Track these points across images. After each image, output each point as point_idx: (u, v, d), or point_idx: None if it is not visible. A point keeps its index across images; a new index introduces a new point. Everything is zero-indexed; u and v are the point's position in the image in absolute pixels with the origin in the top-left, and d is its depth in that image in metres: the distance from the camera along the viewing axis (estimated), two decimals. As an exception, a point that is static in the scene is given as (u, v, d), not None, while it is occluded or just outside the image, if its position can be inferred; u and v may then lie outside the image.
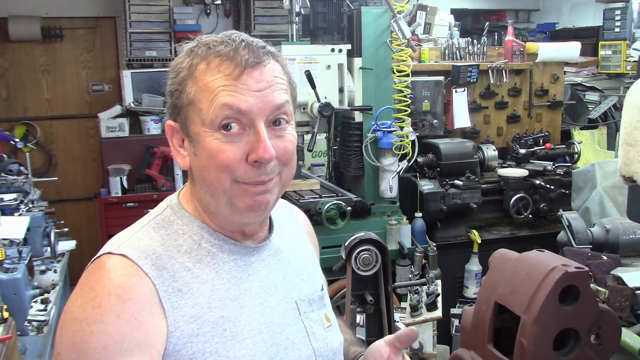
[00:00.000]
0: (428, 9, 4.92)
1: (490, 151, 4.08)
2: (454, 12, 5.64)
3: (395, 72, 3.54)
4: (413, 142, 3.54)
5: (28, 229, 2.95)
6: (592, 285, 1.94)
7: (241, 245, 1.06)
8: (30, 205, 3.37)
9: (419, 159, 3.74)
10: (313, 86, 3.18)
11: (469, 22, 6.45)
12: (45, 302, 2.66)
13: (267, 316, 1.05)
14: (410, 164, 3.58)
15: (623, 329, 1.67)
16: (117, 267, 0.94)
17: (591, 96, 4.83)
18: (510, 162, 4.19)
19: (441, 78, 4.01)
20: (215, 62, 0.97)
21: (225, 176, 0.97)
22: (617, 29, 5.02)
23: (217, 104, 0.95)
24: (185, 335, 0.95)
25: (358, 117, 3.57)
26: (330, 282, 3.35)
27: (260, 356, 1.01)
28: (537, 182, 3.83)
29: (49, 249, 3.20)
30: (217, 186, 0.98)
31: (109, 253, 0.97)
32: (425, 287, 2.81)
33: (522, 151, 4.12)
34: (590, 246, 2.57)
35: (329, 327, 1.15)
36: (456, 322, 3.28)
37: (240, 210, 1.00)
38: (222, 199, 0.99)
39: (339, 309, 3.46)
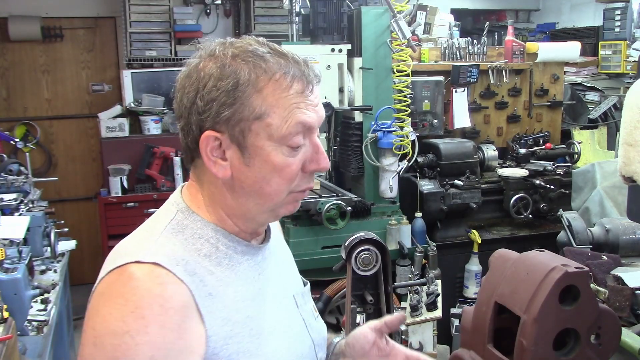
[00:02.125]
0: (428, 9, 4.92)
1: (490, 151, 4.08)
2: (454, 12, 5.64)
3: (395, 72, 3.54)
4: (413, 142, 3.54)
5: (28, 229, 2.95)
6: (592, 285, 1.94)
7: (251, 246, 1.07)
8: (30, 205, 3.37)
9: (419, 159, 3.74)
10: (313, 86, 3.18)
11: (469, 22, 6.45)
12: (45, 302, 2.66)
13: (278, 312, 1.08)
14: (410, 164, 3.58)
15: (623, 329, 1.67)
16: (152, 276, 0.91)
17: (591, 96, 4.83)
18: (510, 162, 4.19)
19: (441, 78, 4.01)
20: (287, 79, 0.97)
21: (286, 188, 1.00)
22: (617, 29, 5.02)
23: (291, 121, 0.97)
24: (221, 338, 0.96)
25: (358, 117, 3.57)
26: (330, 282, 3.36)
27: (283, 352, 1.05)
28: (537, 182, 3.83)
29: (49, 249, 3.20)
30: (274, 197, 1.00)
31: (138, 262, 0.92)
32: (425, 287, 2.81)
33: (522, 151, 4.13)
34: (590, 246, 2.57)
35: (317, 317, 1.22)
36: (456, 322, 3.28)
37: (277, 216, 1.06)
38: (268, 207, 1.02)
39: (339, 309, 3.46)
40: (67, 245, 3.48)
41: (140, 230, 1.03)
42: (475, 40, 4.38)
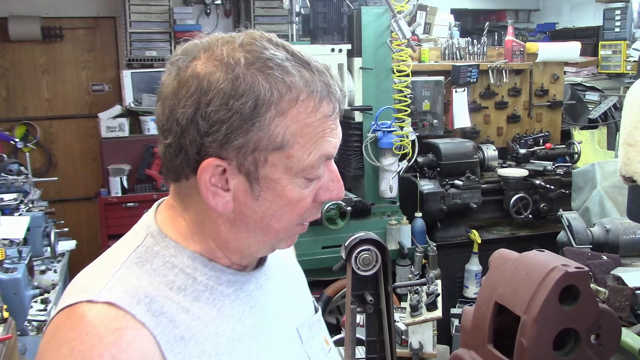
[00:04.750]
0: (428, 9, 4.92)
1: (490, 151, 4.08)
2: (454, 12, 5.64)
3: (395, 72, 3.54)
4: (413, 142, 3.54)
5: (28, 229, 2.95)
6: (592, 285, 1.94)
7: (240, 274, 0.89)
8: (30, 205, 3.37)
9: (419, 159, 3.74)
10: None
11: (469, 22, 6.45)
12: (45, 302, 2.66)
13: (273, 352, 0.92)
14: (410, 164, 3.58)
15: (623, 329, 1.67)
16: (105, 319, 0.75)
17: (591, 96, 4.84)
18: (510, 162, 4.19)
19: (441, 78, 4.01)
20: (315, 100, 0.80)
21: (296, 221, 0.86)
22: (617, 29, 5.02)
23: (315, 154, 0.81)
24: None
25: (358, 117, 3.57)
26: (330, 282, 3.36)
27: None
28: (537, 182, 3.83)
29: (49, 249, 3.20)
30: (280, 233, 0.86)
31: (90, 301, 0.76)
32: (425, 287, 2.81)
33: (522, 151, 4.13)
34: (590, 246, 2.57)
35: (329, 351, 1.07)
36: (456, 322, 3.28)
37: (274, 250, 0.92)
38: (271, 243, 0.88)
39: (339, 309, 3.46)
40: (67, 245, 3.49)
41: (101, 259, 0.86)
42: (475, 40, 4.39)
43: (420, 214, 3.61)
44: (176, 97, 0.79)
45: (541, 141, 4.31)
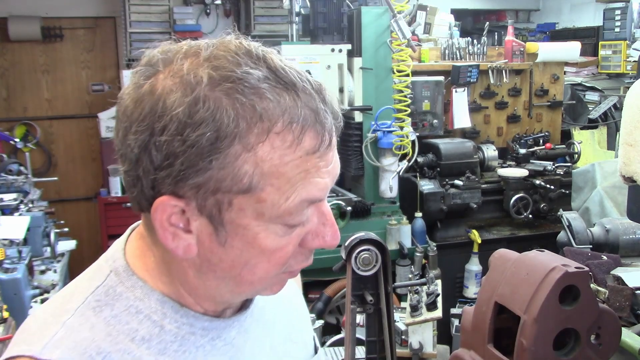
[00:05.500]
0: (428, 9, 4.92)
1: (490, 151, 4.08)
2: (454, 12, 5.64)
3: (395, 72, 3.54)
4: (413, 142, 3.54)
5: (28, 229, 2.95)
6: (592, 285, 1.94)
7: (218, 320, 0.75)
8: (30, 205, 3.37)
9: (419, 159, 3.74)
10: (313, 86, 3.18)
11: (469, 22, 6.45)
12: (45, 302, 2.66)
13: None
14: (410, 164, 3.58)
15: (623, 329, 1.67)
16: None
17: (591, 96, 4.84)
18: (510, 162, 4.20)
19: (441, 78, 4.01)
20: (294, 131, 0.64)
21: (275, 272, 0.71)
22: (617, 29, 5.02)
23: (295, 198, 0.66)
24: None
25: (358, 117, 3.57)
26: (330, 282, 3.36)
27: None
28: (537, 182, 3.83)
29: (49, 249, 3.20)
30: (255, 284, 0.72)
31: (31, 358, 0.65)
32: (425, 287, 2.81)
33: (522, 151, 4.13)
34: (590, 246, 2.57)
35: None
36: (456, 322, 3.27)
37: (255, 295, 0.80)
38: (246, 294, 0.75)
39: (339, 309, 3.46)
40: (67, 245, 3.49)
41: (58, 297, 0.74)
42: (475, 40, 4.39)
43: (420, 214, 3.61)
44: (129, 119, 0.65)
45: (541, 141, 4.31)
